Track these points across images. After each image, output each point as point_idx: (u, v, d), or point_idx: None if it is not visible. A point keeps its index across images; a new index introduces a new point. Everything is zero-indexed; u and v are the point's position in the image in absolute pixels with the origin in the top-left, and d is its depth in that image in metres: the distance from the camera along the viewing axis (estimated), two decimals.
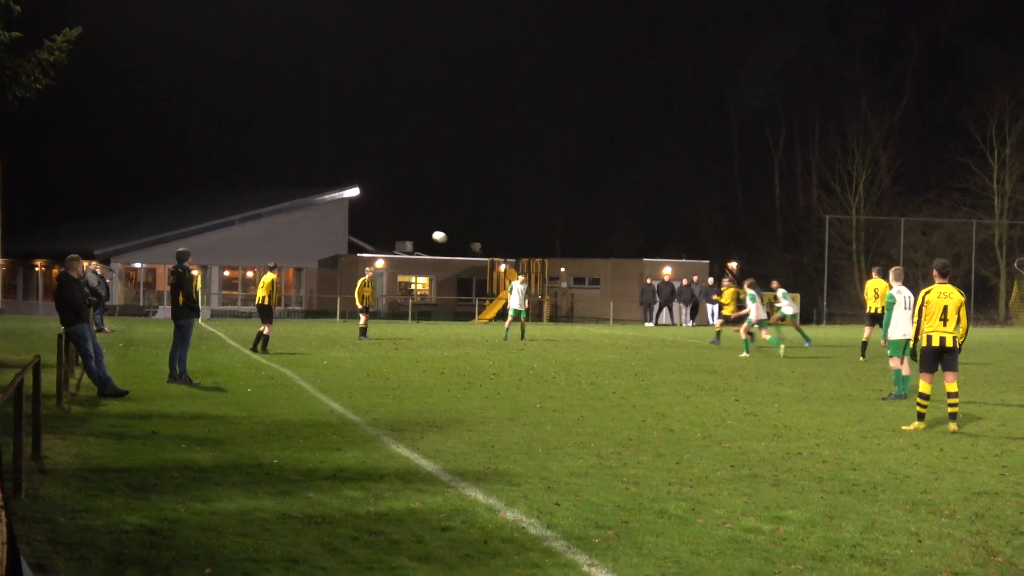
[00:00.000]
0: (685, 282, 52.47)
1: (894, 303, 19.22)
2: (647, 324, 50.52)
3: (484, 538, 8.78)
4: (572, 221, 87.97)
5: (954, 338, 15.45)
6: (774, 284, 35.62)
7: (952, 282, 16.00)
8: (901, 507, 10.18)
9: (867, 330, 27.13)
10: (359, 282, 34.04)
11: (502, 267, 62.36)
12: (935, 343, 15.46)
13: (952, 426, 15.24)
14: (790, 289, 58.05)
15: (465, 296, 64.10)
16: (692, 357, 28.66)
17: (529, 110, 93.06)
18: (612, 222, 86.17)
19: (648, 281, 53.28)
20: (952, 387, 15.51)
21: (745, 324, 30.13)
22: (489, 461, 12.19)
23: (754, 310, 30.34)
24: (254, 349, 27.41)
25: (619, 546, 8.60)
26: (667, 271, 57.80)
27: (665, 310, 52.35)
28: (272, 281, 28.07)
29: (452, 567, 8.00)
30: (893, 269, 20.05)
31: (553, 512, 9.69)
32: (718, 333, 34.97)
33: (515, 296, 35.27)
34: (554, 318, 59.18)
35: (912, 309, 19.18)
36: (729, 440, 14.05)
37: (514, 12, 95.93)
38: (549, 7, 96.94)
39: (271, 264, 29.02)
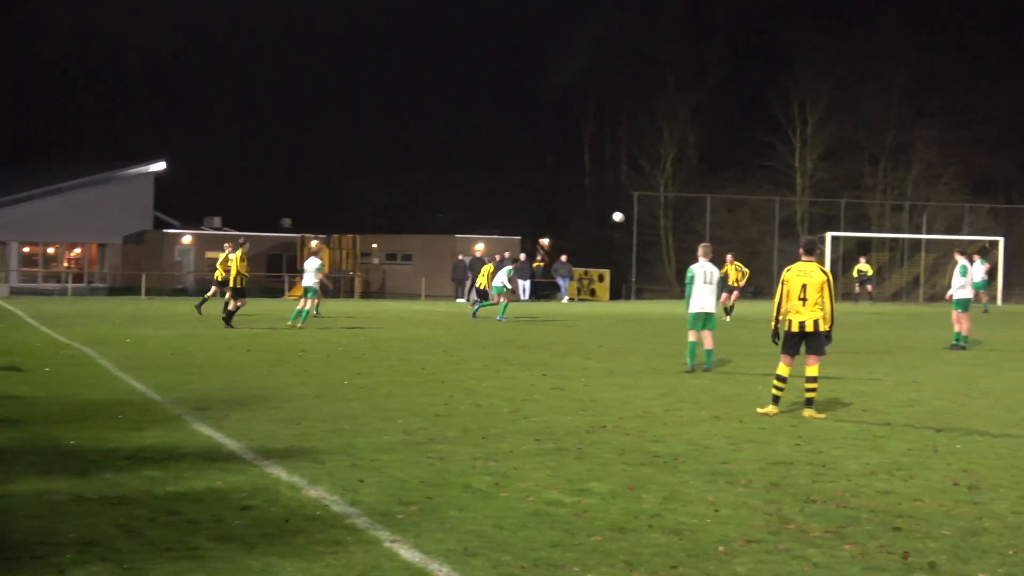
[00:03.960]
0: (497, 258, 52.63)
1: (694, 277, 19.55)
2: (459, 300, 50.59)
3: (286, 516, 8.66)
4: (385, 197, 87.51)
5: (815, 321, 14.43)
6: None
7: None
8: (700, 477, 10.38)
9: None
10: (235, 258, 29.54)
11: (312, 243, 61.79)
12: (794, 328, 14.54)
13: (807, 412, 14.47)
14: (601, 266, 58.95)
15: (275, 272, 63.41)
16: (503, 332, 28.82)
17: (341, 83, 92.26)
18: (425, 198, 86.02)
19: (460, 257, 53.38)
20: (812, 371, 14.60)
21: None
22: (295, 439, 12.06)
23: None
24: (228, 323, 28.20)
25: (422, 521, 8.58)
26: (479, 247, 58.03)
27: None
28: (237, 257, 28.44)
29: (252, 546, 7.87)
30: (701, 245, 20.29)
31: (357, 489, 9.62)
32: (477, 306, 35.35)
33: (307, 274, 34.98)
34: (366, 294, 58.88)
35: (712, 284, 19.62)
36: (536, 414, 14.15)
37: None
38: None
39: (241, 240, 28.94)
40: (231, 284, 28.93)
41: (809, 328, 14.54)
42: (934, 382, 18.66)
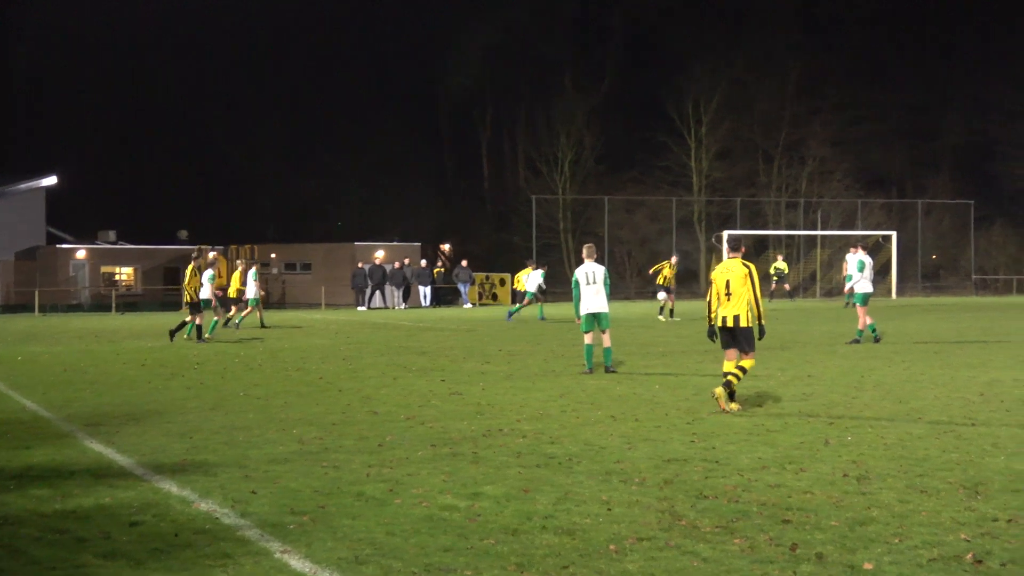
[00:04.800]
0: (397, 265, 52.53)
1: (577, 282, 19.64)
2: (360, 308, 50.39)
3: (175, 531, 8.55)
4: (282, 205, 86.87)
5: (736, 316, 14.70)
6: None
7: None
8: (595, 477, 10.42)
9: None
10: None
11: (210, 255, 61.19)
12: (719, 323, 14.85)
13: (718, 389, 14.66)
14: (502, 270, 59.04)
15: (172, 285, 62.64)
16: (403, 339, 28.75)
17: (239, 92, 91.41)
18: (326, 206, 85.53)
19: (360, 265, 53.15)
20: (745, 364, 14.80)
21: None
22: (187, 452, 11.91)
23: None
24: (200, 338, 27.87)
25: (314, 531, 8.52)
26: (379, 254, 57.85)
27: (377, 293, 52.32)
28: (191, 270, 28.16)
29: (140, 562, 7.76)
30: (586, 246, 20.37)
31: (249, 500, 9.53)
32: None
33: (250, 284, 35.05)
34: (265, 305, 58.33)
35: (597, 283, 19.67)
36: (433, 420, 14.12)
37: None
38: None
39: (194, 254, 28.75)
40: (185, 299, 28.66)
41: (730, 323, 14.82)
42: (828, 376, 18.93)
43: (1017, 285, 66.65)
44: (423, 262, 55.39)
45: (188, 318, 28.57)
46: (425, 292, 52.06)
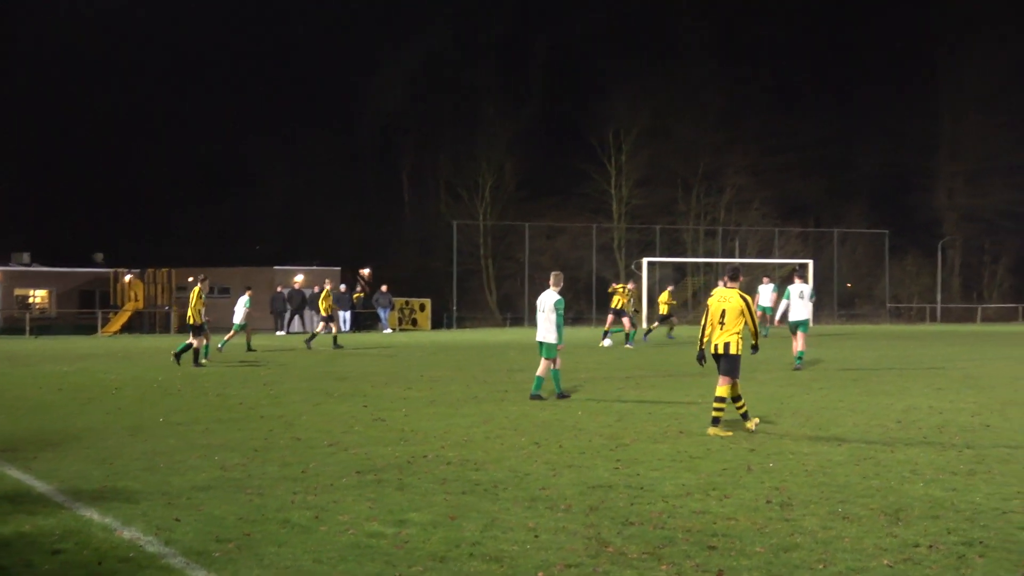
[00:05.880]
0: (317, 289, 52.22)
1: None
2: (279, 332, 50.03)
3: (98, 559, 8.44)
4: (200, 228, 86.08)
5: (727, 344, 15.17)
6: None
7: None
8: (520, 504, 10.44)
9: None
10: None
11: (127, 278, 60.49)
12: (711, 350, 15.34)
13: (711, 430, 15.04)
14: (422, 295, 58.91)
15: (88, 308, 61.85)
16: (323, 364, 28.59)
17: (155, 111, 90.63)
18: (242, 229, 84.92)
19: (279, 289, 52.81)
20: (722, 391, 15.20)
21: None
22: (107, 479, 11.76)
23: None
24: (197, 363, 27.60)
25: (240, 559, 8.45)
26: (299, 278, 57.55)
27: (297, 318, 52.00)
28: (196, 292, 27.75)
29: None
30: (553, 274, 20.37)
31: (173, 528, 9.43)
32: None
33: (239, 310, 34.95)
34: (183, 329, 57.73)
35: (544, 311, 19.78)
36: (356, 446, 14.06)
37: (138, 8, 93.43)
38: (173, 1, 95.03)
39: (202, 276, 28.54)
40: (188, 321, 28.03)
41: (720, 350, 15.27)
42: (747, 403, 19.06)
43: (930, 313, 67.75)
44: (343, 287, 55.13)
45: (192, 341, 27.87)
46: (345, 317, 51.79)
